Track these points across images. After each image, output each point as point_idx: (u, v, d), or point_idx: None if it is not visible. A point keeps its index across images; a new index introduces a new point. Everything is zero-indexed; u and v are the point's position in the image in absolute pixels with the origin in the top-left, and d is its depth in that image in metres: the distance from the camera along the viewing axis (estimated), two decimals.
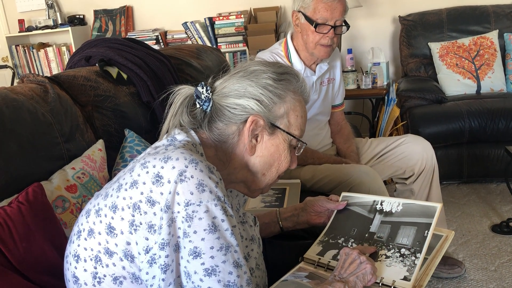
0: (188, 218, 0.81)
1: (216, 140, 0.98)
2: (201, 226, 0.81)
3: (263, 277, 1.12)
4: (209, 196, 0.82)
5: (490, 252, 2.24)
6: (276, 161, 1.00)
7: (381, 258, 1.10)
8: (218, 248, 0.82)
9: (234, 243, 0.84)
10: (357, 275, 1.00)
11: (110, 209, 0.86)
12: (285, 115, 0.99)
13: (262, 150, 0.98)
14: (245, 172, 1.00)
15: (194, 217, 0.81)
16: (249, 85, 0.97)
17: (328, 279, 1.02)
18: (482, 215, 2.61)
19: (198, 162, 0.83)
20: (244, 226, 1.10)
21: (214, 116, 0.98)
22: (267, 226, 1.31)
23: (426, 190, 1.99)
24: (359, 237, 1.18)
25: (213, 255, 0.82)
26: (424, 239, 1.09)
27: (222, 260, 0.82)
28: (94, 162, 1.38)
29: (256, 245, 1.10)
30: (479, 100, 3.02)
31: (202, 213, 0.81)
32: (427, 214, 1.14)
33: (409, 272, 1.05)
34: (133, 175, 0.86)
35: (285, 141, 0.99)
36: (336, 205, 1.26)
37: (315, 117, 2.02)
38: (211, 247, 0.81)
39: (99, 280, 0.87)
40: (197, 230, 0.81)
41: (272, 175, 1.02)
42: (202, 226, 0.81)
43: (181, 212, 0.81)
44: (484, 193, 2.89)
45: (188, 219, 0.81)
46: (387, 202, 1.22)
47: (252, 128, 0.96)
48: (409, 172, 1.97)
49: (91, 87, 1.61)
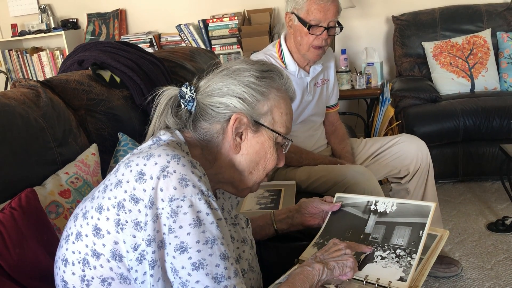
0: (172, 213, 0.81)
1: (201, 140, 0.98)
2: (186, 220, 0.81)
3: (258, 279, 1.12)
4: (192, 191, 0.82)
5: (486, 251, 2.24)
6: (262, 159, 1.00)
7: (376, 259, 1.10)
8: (204, 242, 0.82)
9: (219, 235, 0.84)
10: (338, 262, 1.02)
11: (96, 211, 0.86)
12: (269, 112, 0.99)
13: (247, 148, 0.98)
14: (232, 171, 1.00)
15: (178, 212, 0.81)
16: (231, 83, 0.97)
17: (309, 258, 1.04)
18: (477, 214, 2.62)
19: (180, 158, 0.84)
20: (236, 228, 1.10)
21: (199, 115, 0.98)
22: (261, 229, 1.31)
23: (421, 189, 1.99)
24: (354, 238, 1.18)
25: (200, 249, 0.82)
26: (419, 239, 1.09)
27: (208, 253, 0.82)
28: (87, 166, 1.37)
29: (248, 247, 1.10)
30: (473, 98, 3.03)
31: (187, 208, 0.82)
32: (421, 214, 1.14)
33: (405, 272, 1.05)
34: (117, 175, 0.87)
35: (270, 139, 0.99)
36: (331, 206, 1.26)
37: (309, 118, 2.02)
38: (197, 241, 0.82)
39: (88, 283, 0.87)
40: (183, 225, 0.81)
41: (259, 174, 1.02)
42: (187, 220, 0.81)
43: (166, 208, 0.81)
44: (479, 191, 2.90)
45: (173, 214, 0.81)
46: (381, 203, 1.22)
47: (235, 126, 0.96)
48: (404, 171, 1.97)
49: (84, 91, 1.60)
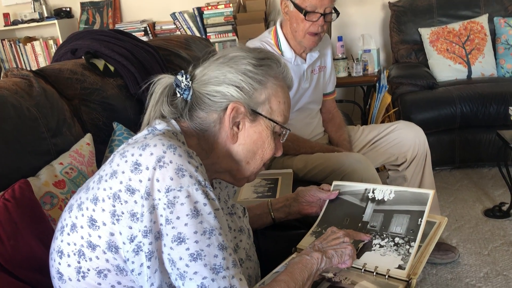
0: (169, 204, 0.80)
1: (198, 129, 0.96)
2: (184, 211, 0.80)
3: (255, 268, 1.12)
4: (189, 181, 0.81)
5: (483, 237, 2.25)
6: (259, 149, 0.99)
7: (375, 248, 1.10)
8: (202, 232, 0.81)
9: (217, 226, 0.83)
10: (336, 251, 1.01)
11: (91, 202, 0.85)
12: (266, 101, 0.97)
13: (244, 137, 0.97)
14: (229, 161, 0.99)
15: (175, 203, 0.80)
16: (228, 71, 0.95)
17: (308, 247, 1.03)
18: (474, 200, 2.62)
19: (176, 148, 0.83)
20: (233, 218, 1.09)
21: (195, 104, 0.96)
22: (259, 218, 1.30)
23: (418, 176, 1.98)
24: (352, 227, 1.17)
25: (198, 239, 0.81)
26: (417, 227, 1.08)
27: (206, 244, 0.81)
28: (82, 156, 1.35)
29: (245, 236, 1.09)
30: (470, 85, 3.02)
31: (184, 198, 0.80)
32: (419, 202, 1.13)
33: (403, 261, 1.04)
34: (112, 166, 0.85)
35: (268, 128, 0.98)
36: (328, 194, 1.25)
37: (306, 105, 2.00)
38: (194, 231, 0.81)
39: (83, 275, 0.86)
40: (180, 216, 0.80)
41: (257, 163, 1.00)
42: (184, 211, 0.80)
43: (162, 199, 0.80)
44: (476, 178, 2.90)
45: (169, 205, 0.80)
46: (379, 190, 1.21)
47: (232, 115, 0.94)
48: (401, 158, 1.97)
49: (77, 80, 1.58)
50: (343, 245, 1.04)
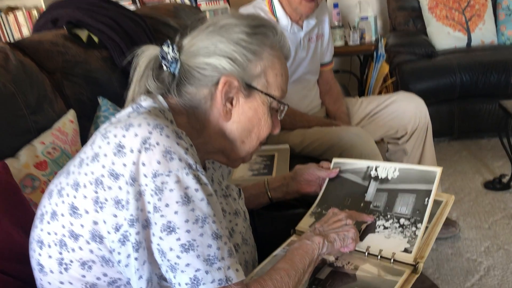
0: (157, 190, 0.73)
1: (187, 106, 0.88)
2: (173, 198, 0.73)
3: (252, 252, 1.05)
4: (178, 165, 0.73)
5: (484, 210, 2.20)
6: (255, 127, 0.90)
7: (379, 229, 1.03)
8: (194, 221, 0.74)
9: (211, 213, 0.76)
10: (338, 234, 0.95)
11: (72, 188, 0.77)
12: (262, 74, 0.88)
13: (238, 115, 0.89)
14: (222, 140, 0.90)
15: (164, 189, 0.73)
16: (219, 41, 0.86)
17: (308, 231, 0.97)
18: (474, 172, 2.57)
19: (163, 127, 0.75)
20: (227, 200, 1.02)
21: (183, 78, 0.87)
22: (255, 198, 1.23)
23: (419, 149, 1.92)
24: (354, 207, 1.10)
25: (189, 228, 0.74)
26: (424, 208, 1.02)
27: (199, 233, 0.74)
28: (65, 135, 1.27)
29: (241, 219, 1.02)
30: (470, 53, 2.95)
31: (173, 184, 0.73)
32: (426, 180, 1.06)
33: (409, 243, 0.98)
34: (94, 148, 0.77)
35: (264, 104, 0.90)
36: (328, 172, 1.18)
37: (303, 76, 1.91)
38: (185, 220, 0.74)
39: (66, 267, 0.79)
40: (169, 203, 0.73)
41: (253, 143, 0.92)
42: (174, 198, 0.73)
43: (149, 185, 0.73)
44: (475, 149, 2.85)
45: (157, 191, 0.73)
46: (382, 168, 1.14)
47: (225, 90, 0.86)
48: (401, 131, 1.89)
49: (58, 52, 1.48)
50: (346, 228, 0.97)
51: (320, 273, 0.95)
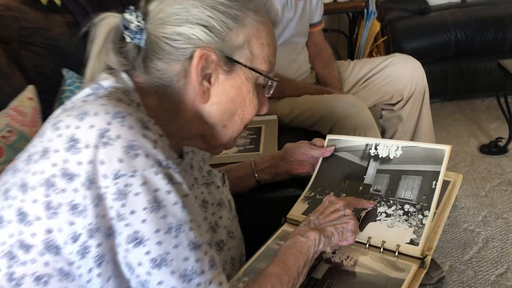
0: (120, 194, 0.60)
1: (157, 85, 0.73)
2: (140, 204, 0.60)
3: (239, 245, 0.93)
4: (145, 162, 0.61)
5: (480, 176, 2.12)
6: (239, 108, 0.77)
7: (380, 217, 0.92)
8: (166, 230, 0.62)
9: (186, 219, 0.64)
10: (336, 227, 0.84)
11: (19, 189, 0.64)
12: (245, 44, 0.74)
13: (218, 94, 0.75)
14: (200, 124, 0.77)
15: (128, 193, 0.60)
16: (192, 5, 0.71)
17: (301, 224, 0.86)
18: (469, 135, 2.47)
19: (125, 116, 0.61)
20: (210, 189, 0.89)
21: (151, 52, 0.72)
22: (241, 180, 1.11)
23: (415, 115, 1.80)
24: (352, 191, 0.99)
25: (160, 240, 0.61)
26: (432, 192, 0.91)
27: (173, 245, 0.62)
28: (23, 115, 1.12)
29: (225, 211, 0.90)
30: (465, 9, 2.83)
31: (139, 187, 0.60)
32: (433, 160, 0.94)
33: (416, 234, 0.87)
34: (43, 141, 0.64)
35: (249, 80, 0.76)
36: (322, 151, 1.06)
37: (291, 39, 1.75)
38: (156, 230, 0.61)
39: (17, 282, 0.66)
40: (135, 210, 0.60)
41: (236, 126, 0.79)
42: (140, 204, 0.60)
43: (110, 188, 0.60)
44: (469, 110, 2.75)
45: (120, 196, 0.60)
46: (382, 146, 1.01)
47: (201, 66, 0.71)
48: (397, 97, 1.77)
49: (13, 18, 1.31)
50: (344, 219, 0.86)
51: (316, 271, 0.84)
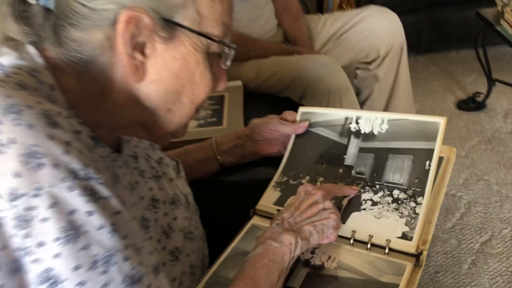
0: (21, 221, 0.43)
1: (75, 61, 0.54)
2: (50, 233, 0.44)
3: (200, 247, 0.78)
4: (53, 175, 0.44)
5: (459, 135, 2.01)
6: (187, 86, 0.58)
7: (365, 206, 0.78)
8: (90, 265, 0.45)
9: (119, 245, 0.47)
10: (315, 225, 0.70)
11: None
12: (189, 1, 0.54)
13: (157, 70, 0.56)
14: (137, 110, 0.58)
15: (32, 219, 0.43)
16: None
17: (273, 223, 0.70)
18: (445, 90, 2.35)
19: (22, 110, 0.45)
20: (161, 183, 0.72)
21: (62, 17, 0.52)
22: (201, 164, 0.95)
23: (392, 74, 1.65)
24: (331, 173, 0.84)
25: (83, 279, 0.45)
26: (425, 174, 0.77)
27: (101, 284, 0.46)
28: None
29: (181, 209, 0.74)
30: None
31: (46, 210, 0.44)
32: (425, 135, 0.80)
33: (408, 226, 0.73)
34: None
35: (198, 49, 0.57)
36: (294, 127, 0.90)
37: None
38: (75, 266, 0.45)
39: None
40: (44, 241, 0.44)
41: (184, 110, 0.60)
42: (51, 233, 0.44)
43: (8, 211, 0.43)
44: (444, 63, 2.62)
45: (22, 223, 0.43)
46: (365, 119, 0.86)
47: (130, 33, 0.52)
48: (373, 54, 1.61)
49: None
50: (324, 214, 0.71)
51: (293, 279, 0.70)
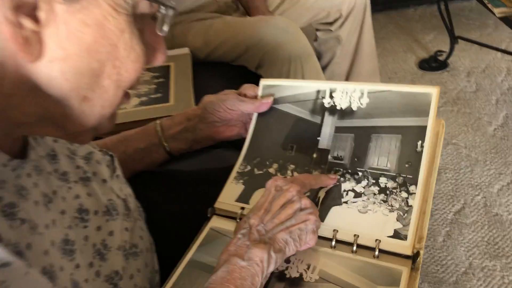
0: None
1: None
2: None
3: (148, 262, 0.62)
4: None
5: None
6: (107, 63, 0.41)
7: (347, 198, 0.64)
8: None
9: None
10: (291, 231, 0.56)
11: None
12: None
13: (60, 42, 0.38)
14: (39, 99, 0.41)
15: None
16: None
17: (238, 233, 0.56)
18: (405, 50, 2.25)
19: None
20: (90, 187, 0.55)
21: None
22: (144, 154, 0.78)
23: (355, 35, 1.52)
24: (303, 159, 0.70)
25: None
26: (417, 157, 0.64)
27: None
28: None
29: (119, 219, 0.57)
30: None
31: None
32: (415, 109, 0.67)
33: (401, 222, 0.61)
34: None
35: (118, 9, 0.39)
36: (256, 104, 0.75)
37: None
38: None
39: None
40: None
41: (108, 96, 0.43)
42: None
43: None
44: (402, 21, 2.52)
45: None
46: (341, 92, 0.72)
47: None
48: (334, 14, 1.46)
49: None
50: (301, 216, 0.57)
51: None
